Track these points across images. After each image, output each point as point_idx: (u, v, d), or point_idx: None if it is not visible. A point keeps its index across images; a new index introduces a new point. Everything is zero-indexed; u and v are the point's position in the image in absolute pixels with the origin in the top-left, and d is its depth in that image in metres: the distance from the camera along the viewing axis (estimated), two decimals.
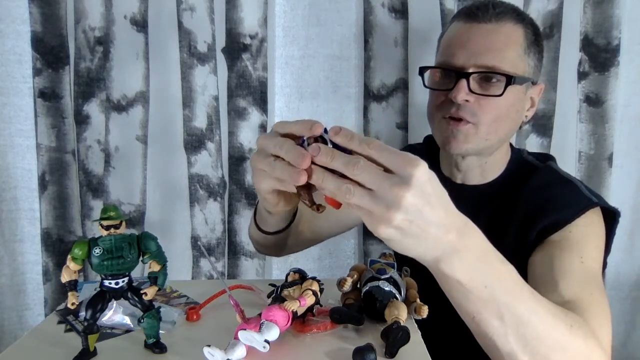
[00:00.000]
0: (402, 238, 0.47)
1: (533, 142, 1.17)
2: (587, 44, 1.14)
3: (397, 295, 0.64)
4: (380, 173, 0.46)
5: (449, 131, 0.80)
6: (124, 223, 0.54)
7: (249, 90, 1.18)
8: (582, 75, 1.15)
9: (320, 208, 0.54)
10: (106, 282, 0.55)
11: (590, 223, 0.77)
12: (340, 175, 0.47)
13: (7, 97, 1.18)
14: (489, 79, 0.78)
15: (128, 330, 0.63)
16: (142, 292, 0.55)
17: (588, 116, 1.16)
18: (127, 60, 1.15)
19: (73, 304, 0.53)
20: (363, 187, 0.46)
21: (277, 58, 1.19)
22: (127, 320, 0.64)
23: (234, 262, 1.25)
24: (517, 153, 0.90)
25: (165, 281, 0.56)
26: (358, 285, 0.68)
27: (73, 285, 0.54)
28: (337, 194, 0.47)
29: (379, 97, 1.19)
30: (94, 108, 1.19)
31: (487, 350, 0.58)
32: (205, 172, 1.19)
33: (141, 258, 0.56)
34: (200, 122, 1.17)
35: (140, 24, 1.15)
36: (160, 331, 0.58)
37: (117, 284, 0.55)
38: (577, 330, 0.57)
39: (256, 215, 0.79)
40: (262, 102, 1.18)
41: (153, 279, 0.56)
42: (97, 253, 0.53)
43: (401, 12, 1.16)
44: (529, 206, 0.80)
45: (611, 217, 0.80)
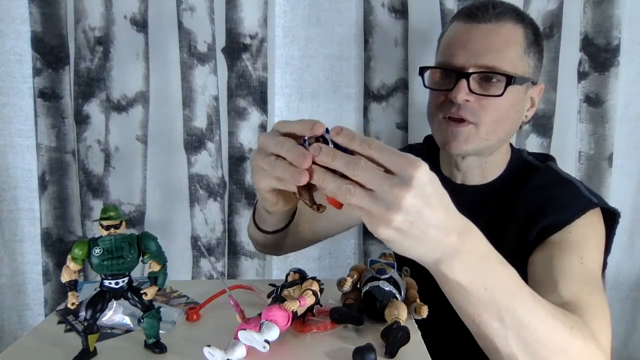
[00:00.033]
0: (402, 239, 0.47)
1: (533, 142, 1.17)
2: (587, 44, 1.14)
3: (397, 295, 0.64)
4: (381, 174, 0.46)
5: (449, 132, 0.80)
6: (124, 223, 0.54)
7: (249, 90, 1.18)
8: (582, 75, 1.15)
9: (321, 208, 0.54)
10: (106, 282, 0.55)
11: (590, 224, 0.77)
12: (341, 176, 0.47)
13: (7, 97, 1.18)
14: (489, 79, 0.78)
15: (128, 330, 0.63)
16: (142, 292, 0.55)
17: (588, 116, 1.16)
18: (127, 60, 1.15)
19: (73, 304, 0.53)
20: (363, 187, 0.46)
21: (277, 58, 1.18)
22: (127, 320, 0.64)
23: (234, 262, 1.25)
24: (517, 153, 0.90)
25: (165, 281, 0.56)
26: (358, 285, 0.68)
27: (73, 285, 0.54)
28: (338, 194, 0.47)
29: (379, 97, 1.19)
30: (94, 108, 1.19)
31: (488, 352, 0.58)
32: (205, 172, 1.19)
33: (141, 258, 0.56)
34: (200, 122, 1.17)
35: (140, 24, 1.15)
36: (160, 331, 0.58)
37: (117, 284, 0.55)
38: (577, 332, 0.57)
39: (255, 214, 0.79)
40: (262, 102, 1.18)
41: (153, 279, 0.56)
42: (97, 253, 0.53)
43: (401, 12, 1.16)
44: (528, 206, 0.80)
45: (611, 217, 0.80)
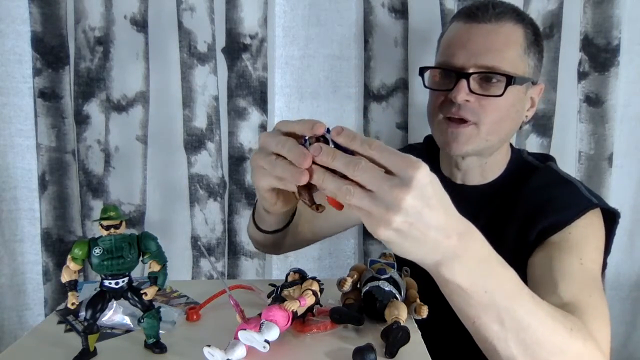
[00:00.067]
0: (401, 240, 0.47)
1: (533, 142, 1.17)
2: (587, 44, 1.14)
3: (397, 295, 0.64)
4: (381, 174, 0.45)
5: (449, 132, 0.80)
6: (124, 223, 0.54)
7: (249, 90, 1.18)
8: (582, 75, 1.15)
9: (320, 208, 0.54)
10: (106, 282, 0.55)
11: (590, 224, 0.77)
12: (341, 176, 0.47)
13: (7, 97, 1.18)
14: (489, 79, 0.78)
15: (128, 330, 0.63)
16: (142, 292, 0.55)
17: (588, 116, 1.16)
18: (127, 60, 1.15)
19: (73, 304, 0.53)
20: (363, 188, 0.46)
21: (277, 58, 1.18)
22: (127, 320, 0.64)
23: (234, 262, 1.25)
24: (517, 153, 0.90)
25: (165, 281, 0.56)
26: (358, 285, 0.68)
27: (73, 285, 0.54)
28: (338, 194, 0.47)
29: (379, 97, 1.19)
30: (94, 108, 1.19)
31: (487, 354, 0.58)
32: (205, 172, 1.19)
33: (141, 258, 0.56)
34: (200, 122, 1.17)
35: (140, 24, 1.15)
36: (160, 331, 0.58)
37: (117, 284, 0.55)
38: (577, 333, 0.57)
39: (255, 214, 0.79)
40: (262, 102, 1.18)
41: (153, 279, 0.56)
42: (97, 253, 0.53)
43: (401, 12, 1.16)
44: (528, 206, 0.80)
45: (611, 218, 0.80)
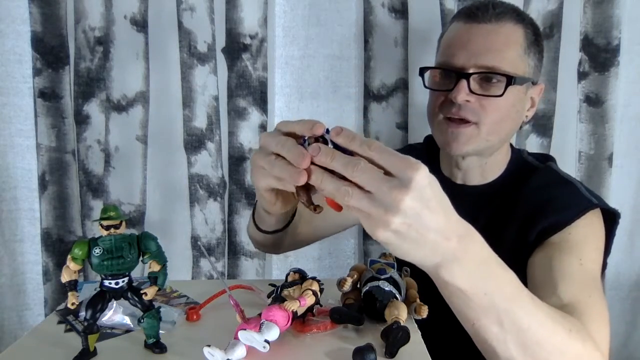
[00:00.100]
0: (400, 242, 0.46)
1: (533, 142, 1.17)
2: (587, 44, 1.14)
3: (397, 295, 0.64)
4: (380, 175, 0.45)
5: (449, 132, 0.80)
6: (124, 223, 0.54)
7: (249, 90, 1.18)
8: (582, 75, 1.15)
9: (318, 209, 0.54)
10: (106, 282, 0.55)
11: (589, 224, 0.77)
12: (340, 177, 0.47)
13: (7, 97, 1.18)
14: (489, 80, 0.77)
15: (128, 330, 0.63)
16: (142, 292, 0.55)
17: (588, 116, 1.16)
18: (127, 60, 1.15)
19: (73, 304, 0.53)
20: (362, 189, 0.46)
21: (277, 58, 1.18)
22: (127, 320, 0.64)
23: (234, 262, 1.25)
24: (517, 153, 0.90)
25: (165, 281, 0.56)
26: (358, 285, 0.68)
27: (73, 285, 0.54)
28: (336, 195, 0.47)
29: (379, 97, 1.19)
30: (94, 108, 1.19)
31: (487, 356, 0.58)
32: (205, 172, 1.19)
33: (141, 258, 0.56)
34: (200, 122, 1.17)
35: (140, 24, 1.15)
36: (160, 331, 0.58)
37: (117, 284, 0.55)
38: (576, 334, 0.57)
39: (255, 214, 0.79)
40: (262, 102, 1.18)
41: (153, 279, 0.56)
42: (97, 253, 0.53)
43: (401, 12, 1.16)
44: (528, 207, 0.80)
45: (611, 218, 0.80)
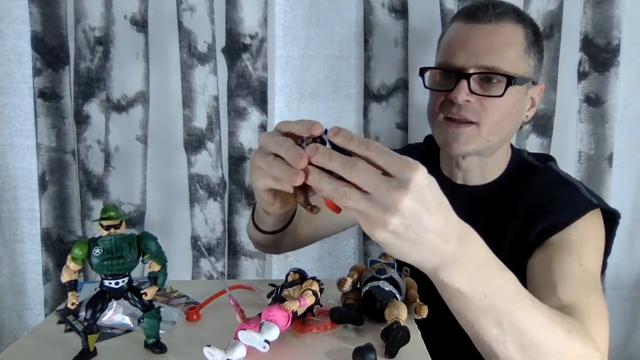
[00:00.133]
0: (399, 243, 0.46)
1: (533, 142, 1.17)
2: (587, 44, 1.14)
3: (397, 295, 0.64)
4: (378, 176, 0.45)
5: (449, 132, 0.80)
6: (124, 223, 0.54)
7: (249, 90, 1.18)
8: (582, 75, 1.15)
9: (315, 209, 0.54)
10: (106, 282, 0.55)
11: (589, 225, 0.77)
12: (339, 178, 0.47)
13: (7, 97, 1.18)
14: (489, 80, 0.77)
15: (128, 330, 0.63)
16: (142, 292, 0.55)
17: (588, 116, 1.16)
18: (127, 60, 1.15)
19: (73, 304, 0.53)
20: (360, 190, 0.45)
21: (277, 58, 1.18)
22: (127, 320, 0.64)
23: (234, 262, 1.25)
24: (517, 153, 0.90)
25: (165, 281, 0.56)
26: (358, 285, 0.68)
27: (73, 285, 0.54)
28: (334, 196, 0.47)
29: (379, 97, 1.19)
30: (94, 108, 1.19)
31: (486, 357, 0.58)
32: (205, 172, 1.19)
33: (141, 258, 0.56)
34: (200, 122, 1.17)
35: (140, 24, 1.15)
36: (160, 331, 0.58)
37: (117, 284, 0.55)
38: (576, 334, 0.57)
39: (254, 214, 0.79)
40: (262, 102, 1.18)
41: (153, 279, 0.56)
42: (97, 253, 0.53)
43: (401, 12, 1.16)
44: (528, 207, 0.80)
45: (611, 218, 0.80)
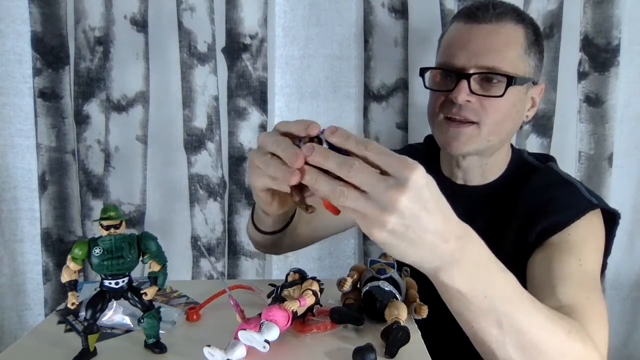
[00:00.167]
0: (397, 242, 0.46)
1: (533, 142, 1.17)
2: (587, 44, 1.14)
3: (397, 295, 0.64)
4: (376, 175, 0.45)
5: (450, 132, 0.80)
6: (124, 223, 0.54)
7: (249, 90, 1.18)
8: (582, 75, 1.15)
9: (310, 208, 0.54)
10: (106, 282, 0.55)
11: (589, 225, 0.77)
12: (336, 178, 0.46)
13: (7, 97, 1.18)
14: (489, 80, 0.77)
15: (128, 330, 0.63)
16: (142, 292, 0.55)
17: (588, 116, 1.16)
18: (127, 60, 1.15)
19: (73, 304, 0.53)
20: (358, 189, 0.45)
21: (277, 58, 1.18)
22: (127, 320, 0.64)
23: (234, 262, 1.25)
24: (517, 153, 0.90)
25: (165, 281, 0.56)
26: (358, 285, 0.68)
27: (73, 285, 0.54)
28: (332, 196, 0.46)
29: (379, 97, 1.19)
30: (94, 108, 1.19)
31: (486, 358, 0.57)
32: (205, 172, 1.19)
33: (141, 258, 0.56)
34: (200, 122, 1.17)
35: (140, 24, 1.15)
36: (160, 331, 0.58)
37: (117, 284, 0.55)
38: (575, 335, 0.57)
39: (254, 214, 0.79)
40: (262, 102, 1.18)
41: (153, 279, 0.56)
42: (97, 253, 0.53)
43: (401, 12, 1.16)
44: (528, 207, 0.80)
45: (611, 218, 0.80)
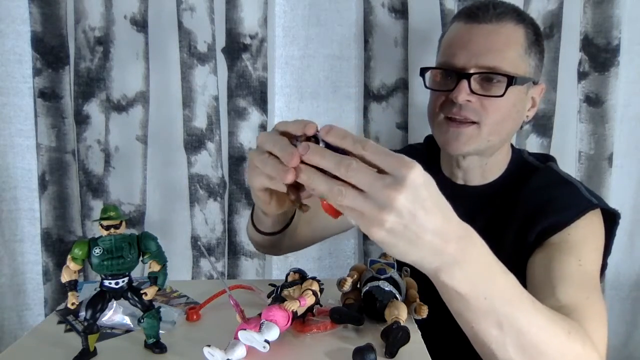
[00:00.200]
0: (396, 242, 0.46)
1: (533, 142, 1.17)
2: (587, 44, 1.14)
3: (397, 295, 0.64)
4: (373, 174, 0.44)
5: (450, 132, 0.80)
6: (124, 223, 0.54)
7: (249, 90, 1.18)
8: (582, 75, 1.15)
9: (304, 207, 0.54)
10: (106, 282, 0.55)
11: (589, 225, 0.77)
12: (334, 177, 0.46)
13: (7, 97, 1.18)
14: (490, 80, 0.77)
15: (128, 330, 0.63)
16: (142, 292, 0.55)
17: (588, 116, 1.16)
18: (127, 60, 1.15)
19: (73, 304, 0.53)
20: (355, 188, 0.45)
21: (277, 58, 1.18)
22: (127, 320, 0.64)
23: (234, 262, 1.25)
24: (517, 153, 0.90)
25: (165, 281, 0.57)
26: (358, 285, 0.68)
27: (73, 285, 0.54)
28: (329, 195, 0.46)
29: (379, 97, 1.19)
30: (94, 108, 1.19)
31: (485, 358, 0.57)
32: (205, 172, 1.19)
33: (141, 258, 0.56)
34: (200, 122, 1.17)
35: (140, 24, 1.15)
36: (160, 331, 0.58)
37: (117, 284, 0.55)
38: (575, 335, 0.57)
39: (253, 215, 0.79)
40: (262, 102, 1.18)
41: (153, 279, 0.56)
42: (97, 253, 0.53)
43: (401, 12, 1.16)
44: (528, 207, 0.80)
45: (611, 218, 0.80)
